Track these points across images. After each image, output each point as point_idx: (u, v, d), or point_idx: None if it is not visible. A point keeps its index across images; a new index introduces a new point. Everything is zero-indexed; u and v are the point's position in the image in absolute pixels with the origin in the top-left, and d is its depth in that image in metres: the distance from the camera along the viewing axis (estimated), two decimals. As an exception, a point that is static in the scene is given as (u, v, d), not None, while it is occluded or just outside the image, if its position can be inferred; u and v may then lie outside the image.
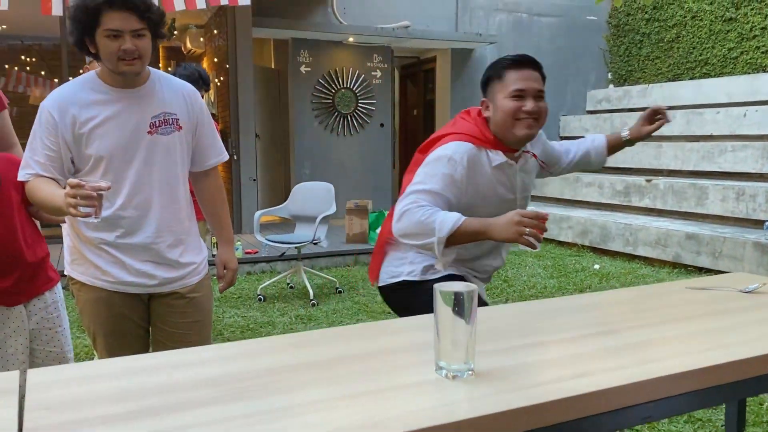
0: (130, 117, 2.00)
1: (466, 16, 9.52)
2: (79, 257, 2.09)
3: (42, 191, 1.91)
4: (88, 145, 1.97)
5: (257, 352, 1.35)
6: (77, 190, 1.68)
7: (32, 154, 1.98)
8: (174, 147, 2.08)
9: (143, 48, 1.93)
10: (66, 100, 1.97)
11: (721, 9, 8.66)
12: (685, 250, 6.21)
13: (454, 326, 1.18)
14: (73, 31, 1.93)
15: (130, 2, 1.88)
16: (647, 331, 1.47)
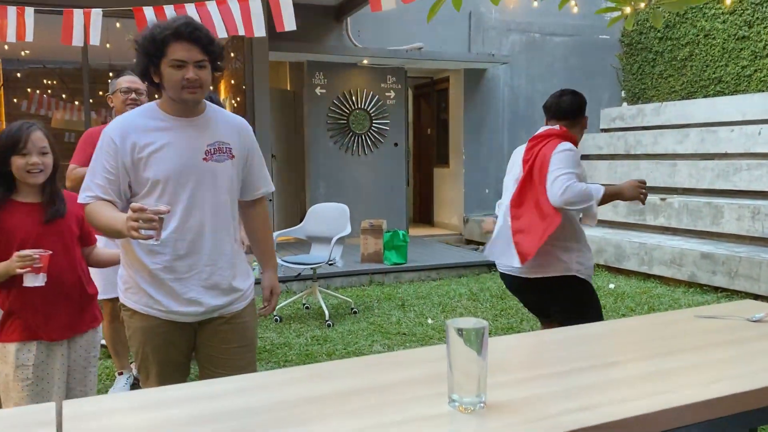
0: (187, 144, 2.11)
1: (479, 36, 9.62)
2: (132, 286, 2.16)
3: (102, 214, 2.01)
4: (146, 169, 2.06)
5: (274, 384, 1.41)
6: (139, 213, 1.80)
7: (93, 177, 2.08)
8: (226, 174, 2.17)
9: (204, 78, 2.06)
10: (127, 127, 2.09)
11: (733, 27, 8.68)
12: (700, 270, 6.20)
13: (466, 359, 1.24)
14: (139, 61, 2.06)
15: (196, 35, 2.02)
16: (655, 362, 1.52)
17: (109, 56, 8.53)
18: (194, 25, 2.03)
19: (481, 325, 1.23)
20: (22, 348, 2.24)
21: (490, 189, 9.89)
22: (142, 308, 2.14)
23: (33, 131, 2.24)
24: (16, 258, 2.12)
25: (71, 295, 2.33)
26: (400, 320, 5.29)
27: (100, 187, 2.07)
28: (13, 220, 2.23)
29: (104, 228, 2.00)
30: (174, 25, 2.00)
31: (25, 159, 2.21)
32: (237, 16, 3.93)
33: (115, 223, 1.93)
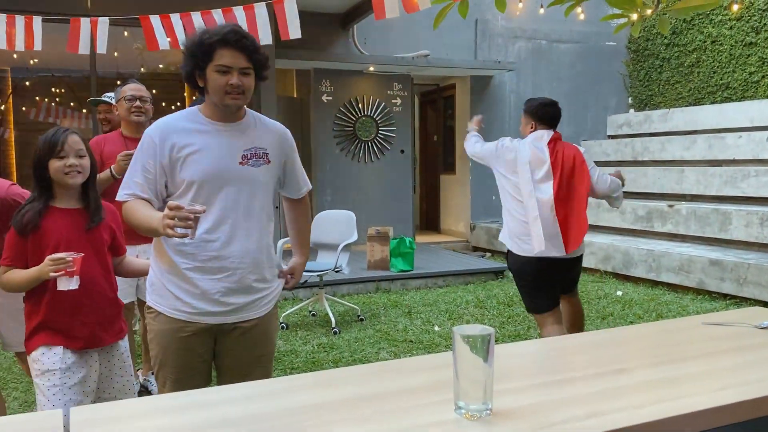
0: (224, 147, 2.15)
1: (485, 43, 9.63)
2: (160, 287, 2.20)
3: (139, 212, 2.06)
4: (182, 170, 2.11)
5: (280, 391, 1.41)
6: (176, 211, 1.84)
7: (132, 176, 2.14)
8: (262, 179, 2.22)
9: (247, 85, 2.11)
10: (167, 128, 2.15)
11: (741, 33, 8.67)
12: (709, 277, 6.17)
13: (473, 366, 1.23)
14: (186, 64, 2.11)
15: (242, 43, 2.08)
16: (662, 369, 1.51)
17: (117, 65, 8.58)
18: (241, 33, 2.09)
19: (488, 332, 1.23)
20: (48, 352, 2.23)
21: (497, 196, 9.85)
22: (167, 310, 2.17)
23: (69, 135, 2.27)
24: (49, 262, 2.12)
25: (102, 304, 2.33)
26: (407, 327, 5.28)
27: (138, 186, 2.12)
28: (49, 226, 2.25)
29: (140, 225, 2.04)
30: (222, 31, 2.06)
31: (62, 161, 2.24)
32: (243, 24, 3.95)
33: (151, 221, 1.98)
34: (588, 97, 10.25)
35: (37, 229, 2.23)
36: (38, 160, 2.26)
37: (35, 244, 2.23)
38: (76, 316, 2.26)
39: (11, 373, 4.31)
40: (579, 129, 10.23)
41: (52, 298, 2.23)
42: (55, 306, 2.24)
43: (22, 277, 2.22)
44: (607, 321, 5.41)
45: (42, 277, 2.17)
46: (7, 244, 2.26)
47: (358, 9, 8.25)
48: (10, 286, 2.26)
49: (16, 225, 2.23)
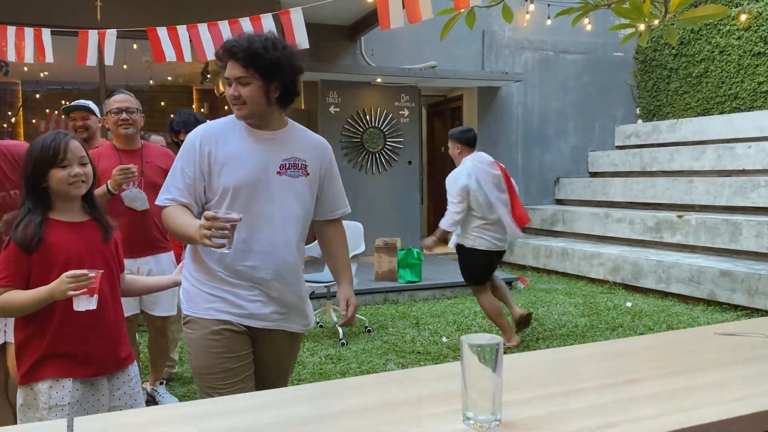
0: (263, 156, 2.14)
1: (492, 54, 9.64)
2: (197, 294, 2.17)
3: (178, 218, 2.06)
4: (219, 177, 2.11)
5: (287, 401, 1.39)
6: (212, 222, 1.84)
7: (172, 181, 2.14)
8: (299, 190, 2.20)
9: (247, 94, 2.09)
10: (207, 134, 2.15)
11: (749, 44, 8.64)
12: (719, 288, 6.11)
13: (481, 376, 1.22)
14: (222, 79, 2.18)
15: (232, 51, 2.07)
16: (673, 380, 1.48)
17: (126, 77, 8.64)
18: (235, 43, 2.07)
19: (496, 341, 1.21)
20: (56, 385, 2.00)
21: (505, 207, 9.83)
22: (207, 312, 2.13)
23: (70, 140, 2.08)
24: (68, 279, 1.89)
25: (112, 325, 2.13)
26: (415, 339, 5.25)
27: (178, 190, 2.12)
28: (55, 240, 2.03)
29: (177, 232, 2.05)
30: (224, 45, 2.09)
31: (66, 171, 2.03)
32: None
33: (188, 228, 1.98)
34: (595, 108, 10.23)
35: (42, 243, 2.00)
36: (35, 168, 2.03)
37: (41, 261, 2.00)
38: (86, 340, 2.05)
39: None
40: (587, 139, 10.21)
41: (60, 322, 2.01)
42: (64, 330, 2.02)
43: (27, 298, 1.96)
44: (616, 332, 5.36)
45: (54, 298, 1.93)
46: (4, 262, 2.00)
47: (365, 21, 8.28)
48: (10, 310, 2.00)
49: (19, 240, 1.98)
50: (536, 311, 6.14)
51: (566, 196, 9.92)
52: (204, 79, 9.64)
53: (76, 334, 2.03)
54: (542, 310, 6.21)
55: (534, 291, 7.19)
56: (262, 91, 2.10)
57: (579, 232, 8.78)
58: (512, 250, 8.99)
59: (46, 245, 2.01)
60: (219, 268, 2.13)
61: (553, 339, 5.18)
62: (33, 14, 6.43)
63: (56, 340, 2.01)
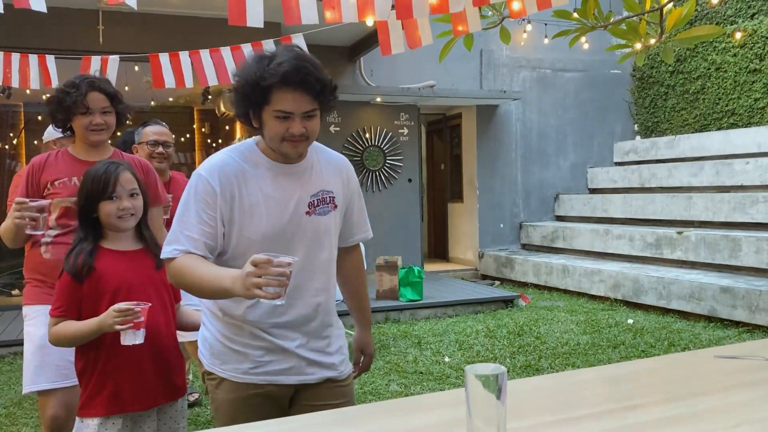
0: (291, 195, 1.84)
1: (490, 73, 9.72)
2: (222, 349, 1.87)
3: (199, 269, 1.69)
4: (246, 225, 1.79)
5: (290, 431, 1.40)
6: (266, 268, 1.51)
7: (182, 228, 1.76)
8: (329, 228, 1.91)
9: (312, 129, 1.77)
10: (225, 170, 1.79)
11: (745, 60, 8.72)
12: (720, 304, 6.12)
13: (485, 405, 1.23)
14: (238, 104, 1.77)
15: (307, 82, 1.70)
16: (676, 405, 1.50)
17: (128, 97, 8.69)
18: (306, 69, 1.70)
19: (500, 370, 1.23)
20: (106, 422, 1.95)
21: (505, 223, 9.88)
22: (234, 375, 1.84)
23: (121, 172, 2.03)
24: (115, 313, 1.84)
25: (165, 358, 2.04)
26: (417, 358, 5.25)
27: (191, 240, 1.74)
28: (105, 269, 1.99)
29: (203, 286, 1.68)
30: (281, 70, 1.67)
31: (114, 204, 2.00)
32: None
33: (222, 280, 1.61)
34: (594, 125, 10.29)
35: (92, 272, 1.97)
36: (86, 200, 2.01)
37: (91, 291, 1.97)
38: (137, 374, 1.98)
39: (21, 408, 4.31)
40: (586, 156, 10.26)
41: (109, 354, 1.96)
42: (114, 364, 1.97)
43: (78, 330, 1.93)
44: (618, 350, 5.37)
45: (102, 330, 1.89)
46: (58, 292, 1.99)
47: (364, 42, 8.36)
48: (63, 341, 1.97)
49: (70, 269, 1.96)
50: (538, 329, 6.14)
51: (566, 212, 9.96)
52: (205, 100, 9.71)
53: (127, 367, 1.97)
54: (544, 328, 6.22)
55: (536, 309, 7.19)
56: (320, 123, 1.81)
57: (579, 248, 8.80)
58: (513, 267, 9.01)
59: (96, 274, 1.98)
60: (249, 323, 1.83)
61: (555, 358, 5.18)
62: (36, 39, 6.50)
63: (106, 373, 1.97)
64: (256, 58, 1.75)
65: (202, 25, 6.98)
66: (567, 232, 9.00)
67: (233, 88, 1.79)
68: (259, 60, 1.73)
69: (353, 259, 2.15)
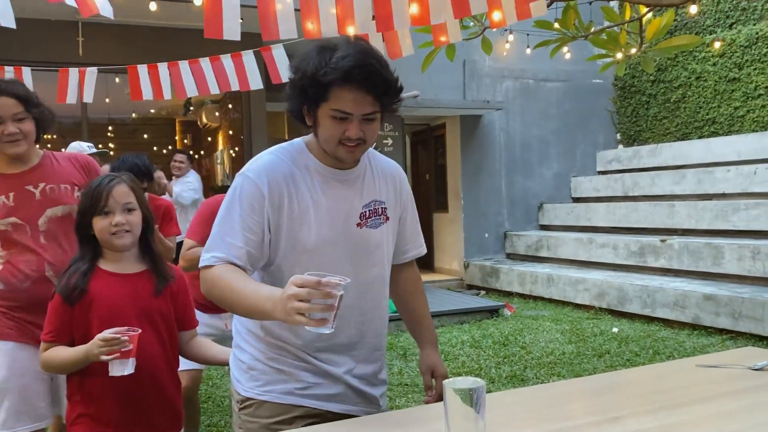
0: (342, 205, 1.68)
1: (474, 83, 9.76)
2: (264, 369, 1.69)
3: (236, 284, 1.52)
4: (294, 235, 1.63)
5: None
6: (315, 290, 1.33)
7: (225, 234, 1.59)
8: (380, 242, 1.75)
9: (370, 134, 1.62)
10: (275, 175, 1.63)
11: (724, 69, 8.82)
12: (704, 312, 6.15)
13: (464, 419, 1.21)
14: (293, 98, 1.63)
15: (371, 81, 1.55)
16: (658, 416, 1.48)
17: (108, 110, 8.64)
18: (371, 67, 1.54)
19: (479, 384, 1.21)
20: None
21: (490, 233, 9.89)
22: (278, 396, 1.66)
23: (115, 185, 1.88)
24: (99, 342, 1.70)
25: (160, 390, 1.89)
26: (402, 370, 5.22)
27: (233, 249, 1.57)
28: (98, 292, 1.86)
29: (239, 303, 1.52)
30: (344, 65, 1.51)
31: (107, 219, 1.85)
32: (231, 72, 4.00)
33: (261, 300, 1.45)
34: (576, 134, 10.35)
35: (84, 294, 1.84)
36: (80, 216, 1.89)
37: (82, 315, 1.84)
38: (128, 407, 1.84)
39: None
40: (569, 165, 10.31)
41: (97, 383, 1.82)
42: (101, 393, 1.82)
43: (66, 358, 1.80)
44: (604, 359, 5.36)
45: (90, 360, 1.75)
46: (49, 314, 1.87)
47: (347, 52, 8.36)
48: (53, 367, 1.86)
49: (61, 290, 1.84)
50: (523, 339, 6.13)
51: (550, 221, 9.99)
52: (187, 111, 9.66)
53: (116, 398, 1.82)
54: (529, 337, 6.20)
55: (521, 318, 7.19)
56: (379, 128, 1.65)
57: (564, 257, 8.82)
58: (498, 277, 9.00)
59: (88, 297, 1.84)
60: (293, 343, 1.66)
61: (540, 368, 5.17)
62: (14, 49, 6.44)
63: (93, 402, 1.84)
64: (316, 49, 1.58)
65: (182, 37, 6.95)
66: (551, 241, 9.02)
67: (289, 81, 1.63)
68: (320, 52, 1.56)
69: (409, 276, 1.95)
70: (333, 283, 1.34)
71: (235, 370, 1.75)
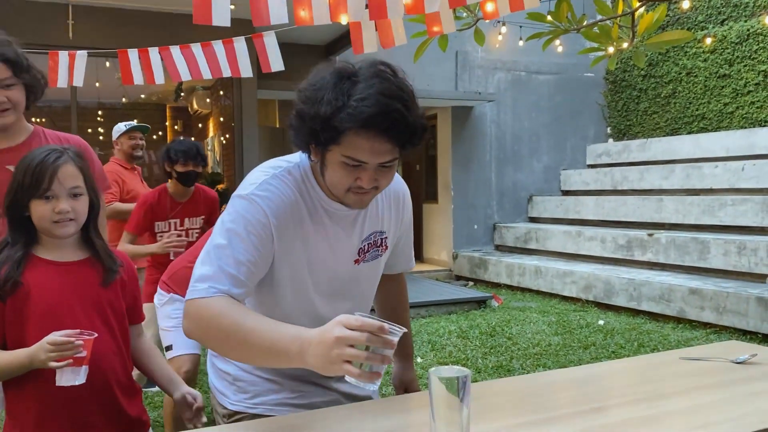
0: (345, 244, 1.55)
1: (466, 74, 9.75)
2: (252, 379, 1.59)
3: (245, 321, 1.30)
4: (285, 273, 1.49)
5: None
6: (377, 337, 1.15)
7: (224, 264, 1.38)
8: (373, 275, 1.65)
9: (384, 182, 1.43)
10: (286, 204, 1.45)
11: (715, 66, 8.86)
12: (689, 305, 6.21)
13: (448, 408, 1.22)
14: (297, 131, 1.41)
15: (397, 130, 1.32)
16: (641, 407, 1.50)
17: (98, 94, 8.57)
18: (396, 113, 1.30)
19: (464, 373, 1.22)
20: None
21: (479, 225, 9.92)
22: (269, 408, 1.57)
23: (62, 165, 1.58)
24: (49, 346, 1.45)
25: (113, 393, 1.63)
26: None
27: (233, 280, 1.37)
28: (35, 284, 1.57)
29: (251, 345, 1.28)
30: (363, 111, 1.28)
31: (50, 205, 1.56)
32: (222, 58, 3.97)
33: (284, 340, 1.24)
34: (567, 127, 10.38)
35: (18, 288, 1.55)
36: (14, 196, 1.58)
37: (15, 310, 1.55)
38: (76, 413, 1.58)
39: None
40: (559, 158, 10.34)
41: (40, 390, 1.55)
42: (44, 400, 1.55)
43: (4, 364, 1.52)
44: (589, 351, 5.41)
45: (34, 366, 1.50)
46: None
47: (340, 41, 8.33)
48: None
49: None
50: (510, 330, 6.16)
51: (539, 214, 10.03)
52: (178, 97, 9.61)
53: (62, 404, 1.56)
54: (516, 328, 6.24)
55: (508, 309, 7.23)
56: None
57: (552, 250, 8.87)
58: (486, 268, 9.04)
59: (23, 290, 1.56)
60: None
61: (527, 358, 5.21)
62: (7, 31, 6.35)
63: (36, 411, 1.57)
64: (332, 80, 1.34)
65: (174, 21, 6.90)
66: (540, 234, 9.06)
67: (294, 109, 1.40)
68: (336, 84, 1.32)
69: (393, 289, 1.88)
70: (396, 330, 1.16)
71: (217, 382, 1.63)
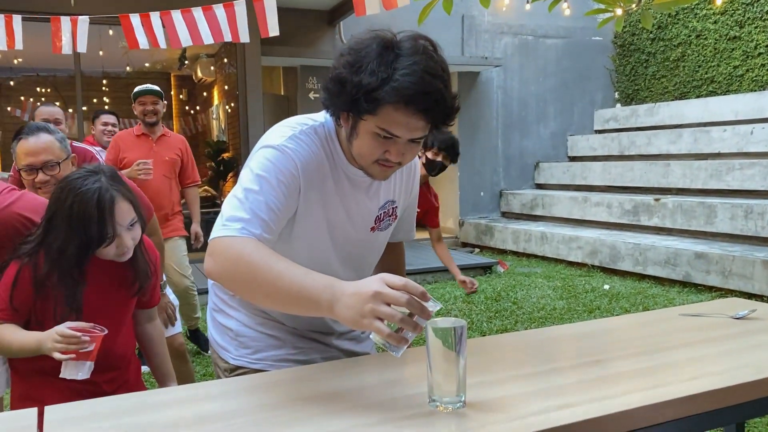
0: (363, 211, 1.57)
1: (472, 39, 9.64)
2: (254, 335, 1.63)
3: (276, 264, 1.27)
4: (306, 229, 1.50)
5: (260, 386, 1.41)
6: (417, 301, 1.17)
7: (256, 209, 1.35)
8: (382, 243, 1.70)
9: (410, 156, 1.44)
10: (313, 161, 1.46)
11: (725, 27, 8.72)
12: (694, 270, 6.21)
13: (445, 360, 1.24)
14: (331, 95, 1.43)
15: (434, 111, 1.35)
16: (638, 360, 1.52)
17: (103, 64, 8.55)
18: (436, 93, 1.33)
19: (459, 324, 1.23)
20: None
21: (486, 191, 9.90)
22: (271, 363, 1.61)
23: (117, 202, 1.60)
24: (57, 336, 1.48)
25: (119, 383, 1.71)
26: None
27: (265, 226, 1.35)
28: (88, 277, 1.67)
29: (279, 288, 1.26)
30: (406, 88, 1.30)
31: (113, 245, 1.63)
32: (223, 22, 3.94)
33: (316, 288, 1.23)
34: (574, 92, 10.28)
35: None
36: (78, 248, 1.59)
37: (43, 297, 1.62)
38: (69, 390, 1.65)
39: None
40: (566, 124, 10.27)
41: (43, 368, 1.63)
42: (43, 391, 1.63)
43: (15, 342, 1.58)
44: (594, 314, 5.44)
45: (41, 352, 1.53)
46: (4, 286, 1.63)
47: (344, 5, 8.23)
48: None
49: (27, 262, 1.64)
50: (515, 295, 6.20)
51: (546, 180, 10.00)
52: (182, 65, 9.57)
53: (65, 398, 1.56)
54: (521, 293, 6.28)
55: (513, 275, 7.26)
56: None
57: (558, 216, 8.86)
58: (493, 235, 9.06)
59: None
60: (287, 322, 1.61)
61: (531, 322, 5.25)
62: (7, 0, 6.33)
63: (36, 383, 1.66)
64: (377, 50, 1.34)
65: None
66: (546, 200, 9.05)
67: (333, 72, 1.41)
68: (380, 55, 1.33)
69: (395, 254, 1.93)
70: (428, 310, 1.18)
71: (218, 337, 1.66)
